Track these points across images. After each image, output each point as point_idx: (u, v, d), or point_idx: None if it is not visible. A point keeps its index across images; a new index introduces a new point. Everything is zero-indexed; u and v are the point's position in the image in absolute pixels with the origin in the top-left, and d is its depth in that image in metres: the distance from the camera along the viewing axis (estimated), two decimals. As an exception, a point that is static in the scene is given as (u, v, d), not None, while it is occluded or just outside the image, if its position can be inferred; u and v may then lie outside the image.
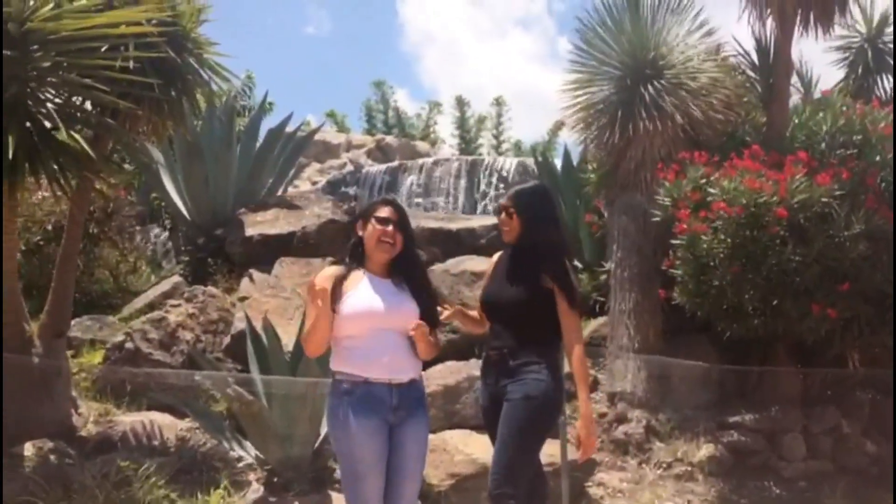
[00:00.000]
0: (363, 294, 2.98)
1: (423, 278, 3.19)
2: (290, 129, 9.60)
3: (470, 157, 12.64)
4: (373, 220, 3.03)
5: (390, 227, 3.01)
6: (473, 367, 5.72)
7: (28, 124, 4.38)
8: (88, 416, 5.44)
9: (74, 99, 4.79)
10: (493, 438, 3.16)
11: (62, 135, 4.47)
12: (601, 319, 6.98)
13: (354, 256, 3.07)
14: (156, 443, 5.15)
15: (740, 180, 5.15)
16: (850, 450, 5.79)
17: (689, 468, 5.55)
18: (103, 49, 4.49)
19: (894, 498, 4.31)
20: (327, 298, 2.91)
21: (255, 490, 4.72)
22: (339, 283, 2.98)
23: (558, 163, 9.00)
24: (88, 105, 4.92)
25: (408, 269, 3.09)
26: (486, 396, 3.24)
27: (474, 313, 3.45)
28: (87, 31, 4.29)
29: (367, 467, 2.87)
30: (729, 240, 5.10)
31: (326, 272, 3.06)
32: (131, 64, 4.53)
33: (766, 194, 5.04)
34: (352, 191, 11.51)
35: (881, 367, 5.81)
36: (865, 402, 6.15)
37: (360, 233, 3.08)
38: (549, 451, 5.04)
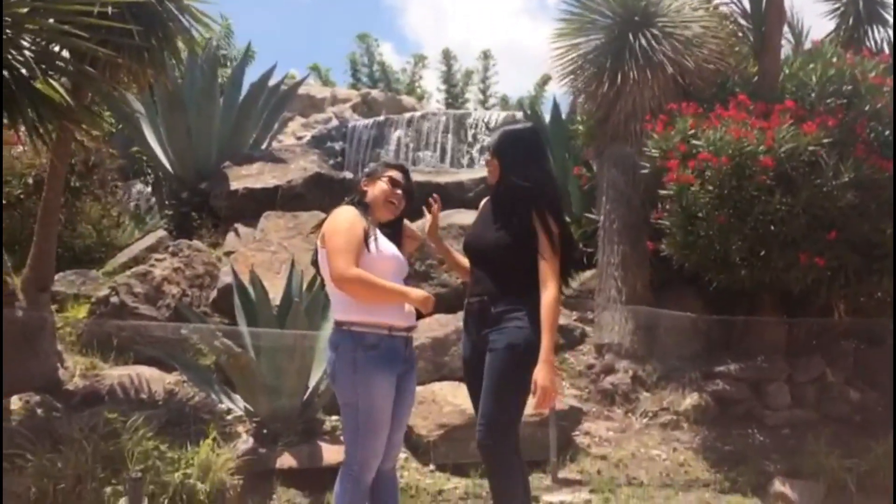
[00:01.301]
0: (385, 241, 3.02)
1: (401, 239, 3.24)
2: (273, 81, 9.43)
3: (457, 112, 12.52)
4: (385, 179, 3.11)
5: (399, 191, 3.11)
6: (461, 319, 5.71)
7: (5, 73, 4.25)
8: (74, 370, 5.41)
9: (52, 46, 4.64)
10: (470, 389, 3.14)
11: (40, 83, 4.35)
12: (589, 273, 7.00)
13: (362, 207, 3.08)
14: (143, 396, 5.13)
15: (725, 130, 5.12)
16: (834, 398, 5.87)
17: (675, 417, 5.63)
18: (81, -6, 4.35)
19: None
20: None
21: (245, 441, 4.72)
22: (370, 224, 3.00)
23: (546, 116, 8.93)
24: (66, 53, 4.77)
25: (394, 228, 3.15)
26: (469, 347, 3.17)
27: (462, 260, 3.40)
28: (65, -25, 4.14)
29: (386, 420, 2.94)
30: (715, 190, 5.08)
31: (353, 213, 3.01)
32: (110, 10, 4.41)
33: (751, 143, 5.01)
34: (338, 146, 11.38)
35: (866, 317, 5.87)
36: (850, 352, 6.23)
37: (365, 188, 3.13)
38: (538, 402, 5.11)
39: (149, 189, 9.43)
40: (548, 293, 2.92)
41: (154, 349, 5.45)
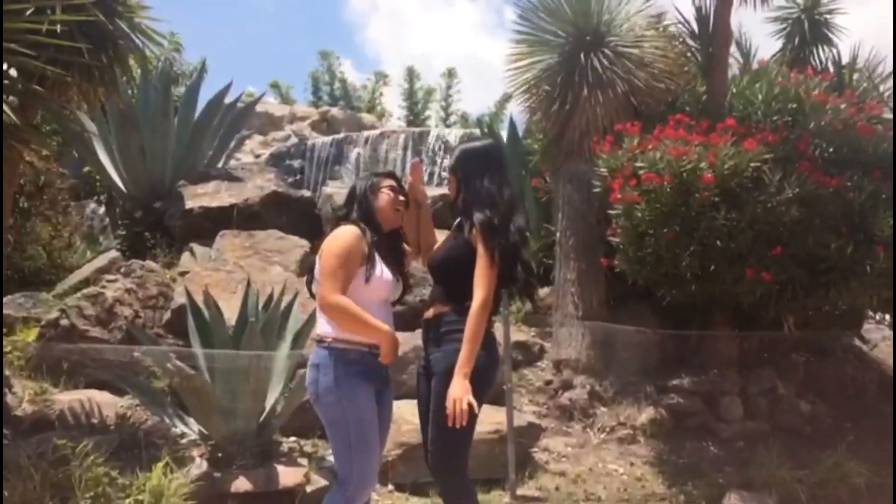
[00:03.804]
0: (380, 266, 2.99)
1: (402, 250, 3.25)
2: (230, 98, 9.37)
3: (416, 129, 12.56)
4: (386, 190, 3.09)
5: (402, 197, 3.12)
6: (420, 337, 5.72)
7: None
8: (23, 395, 5.27)
9: (-1, 65, 4.57)
10: (421, 402, 3.11)
11: (-15, 102, 4.27)
12: (546, 289, 7.06)
13: (370, 224, 3.02)
14: (95, 421, 5.01)
15: (665, 149, 5.22)
16: (785, 410, 6.00)
17: (632, 431, 5.69)
18: (28, 12, 4.30)
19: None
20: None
21: (199, 466, 4.63)
22: (371, 245, 2.97)
23: (504, 134, 9.03)
24: (14, 72, 4.69)
25: (395, 239, 3.15)
26: (421, 363, 3.15)
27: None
28: (10, -8, 4.09)
29: (375, 434, 2.92)
30: (661, 207, 5.18)
31: (355, 235, 2.95)
32: (58, 28, 4.35)
33: (691, 161, 5.11)
34: (296, 163, 11.34)
35: (815, 330, 6.01)
36: (800, 364, 6.38)
37: (370, 204, 3.08)
38: (496, 419, 5.13)
39: (102, 209, 9.26)
40: (475, 300, 2.84)
41: (106, 373, 5.33)
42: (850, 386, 6.52)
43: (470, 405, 2.74)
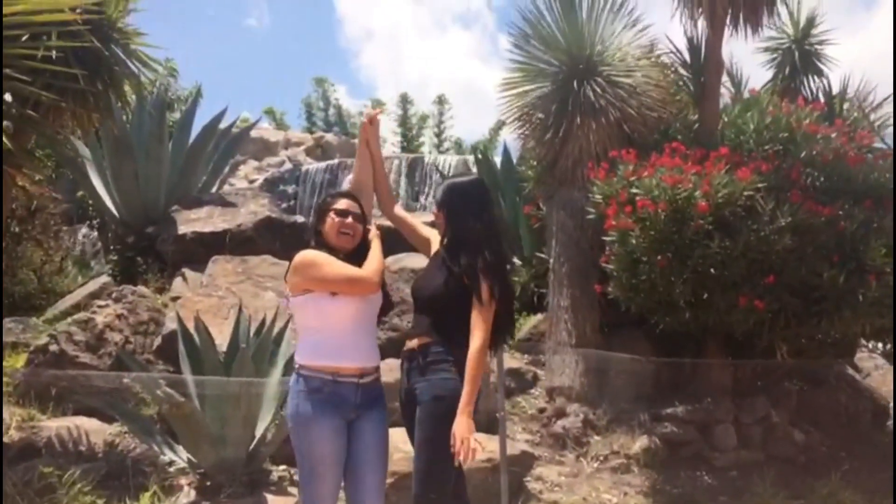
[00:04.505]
0: None
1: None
2: (225, 124, 9.40)
3: (411, 155, 12.64)
4: (332, 213, 3.05)
5: (349, 219, 3.05)
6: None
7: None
8: (11, 422, 5.21)
9: (-7, 90, 4.58)
10: (409, 432, 3.09)
11: (-21, 128, 4.28)
12: (540, 316, 7.05)
13: (319, 247, 3.03)
14: (82, 448, 4.96)
15: (660, 177, 5.24)
16: (779, 439, 5.97)
17: (626, 460, 5.64)
18: (24, 38, 4.32)
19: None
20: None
21: (187, 494, 4.58)
22: None
23: (499, 160, 9.07)
24: (8, 97, 4.70)
25: (360, 258, 3.08)
26: (403, 392, 3.13)
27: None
28: (6, 18, 4.11)
29: (326, 467, 2.86)
30: (655, 234, 5.18)
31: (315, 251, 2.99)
32: (54, 54, 4.37)
33: (686, 189, 5.13)
34: (291, 189, 11.38)
35: (807, 358, 6.00)
36: (793, 393, 6.36)
37: (320, 227, 3.08)
38: (489, 448, 5.08)
39: (94, 234, 9.23)
40: (474, 342, 2.86)
41: (94, 399, 5.28)
42: (844, 414, 6.51)
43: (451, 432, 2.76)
